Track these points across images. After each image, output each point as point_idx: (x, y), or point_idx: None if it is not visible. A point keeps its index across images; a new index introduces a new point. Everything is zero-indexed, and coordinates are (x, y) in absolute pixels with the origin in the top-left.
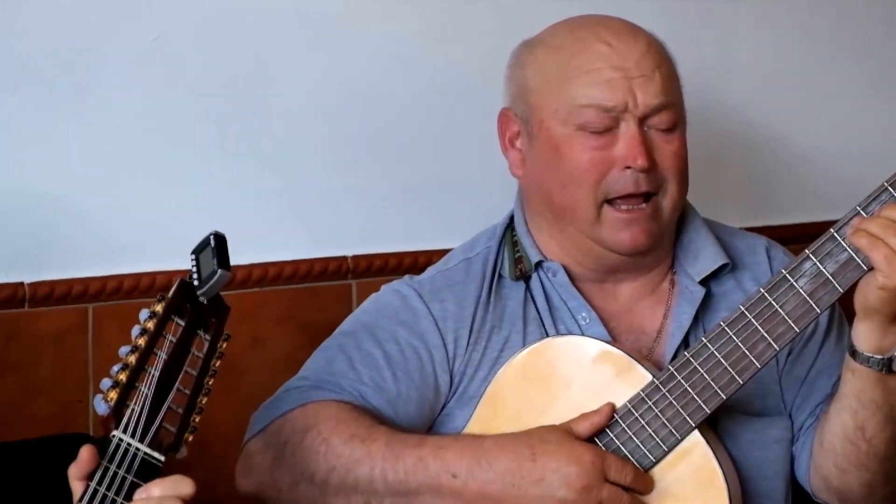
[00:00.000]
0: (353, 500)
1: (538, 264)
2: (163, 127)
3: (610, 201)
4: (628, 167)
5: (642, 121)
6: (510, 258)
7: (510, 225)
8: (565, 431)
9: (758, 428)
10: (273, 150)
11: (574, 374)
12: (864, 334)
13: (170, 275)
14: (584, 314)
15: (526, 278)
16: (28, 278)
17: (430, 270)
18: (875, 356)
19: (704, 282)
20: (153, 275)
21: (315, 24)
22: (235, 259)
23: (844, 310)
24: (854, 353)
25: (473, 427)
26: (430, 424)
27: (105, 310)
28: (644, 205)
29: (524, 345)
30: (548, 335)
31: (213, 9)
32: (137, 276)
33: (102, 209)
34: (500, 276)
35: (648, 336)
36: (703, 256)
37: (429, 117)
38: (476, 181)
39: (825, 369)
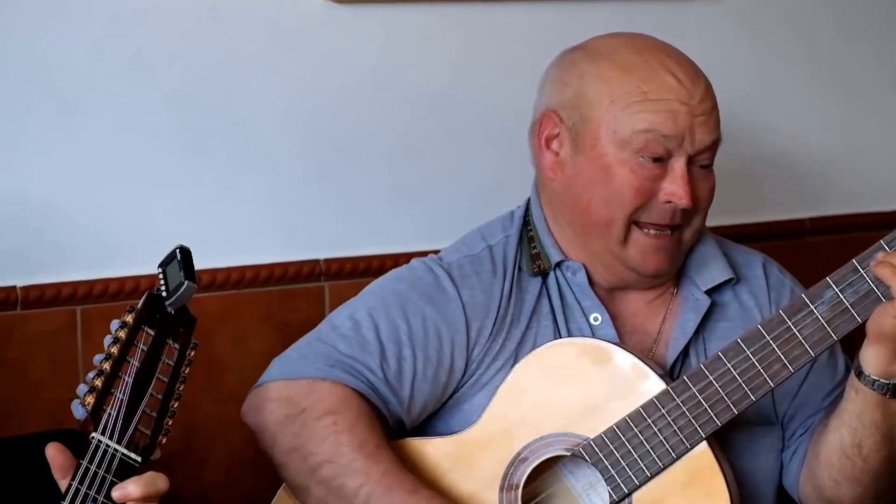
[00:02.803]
0: (329, 501)
1: (559, 263)
2: (144, 136)
3: (637, 224)
4: (669, 202)
5: (691, 158)
6: (527, 253)
7: (524, 216)
8: None
9: (752, 436)
10: (248, 157)
11: (592, 375)
12: (874, 359)
13: (153, 278)
14: (595, 314)
15: (543, 274)
16: (20, 282)
17: (453, 252)
18: (881, 380)
19: (707, 292)
20: (137, 278)
21: (289, 35)
22: (215, 262)
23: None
24: (860, 374)
25: (492, 412)
26: (440, 404)
27: (93, 311)
28: (670, 232)
29: (536, 339)
30: (559, 331)
31: (191, 23)
32: (122, 279)
33: (89, 215)
34: (520, 268)
35: (650, 338)
36: (712, 268)
37: (399, 123)
38: (447, 185)
39: (816, 386)
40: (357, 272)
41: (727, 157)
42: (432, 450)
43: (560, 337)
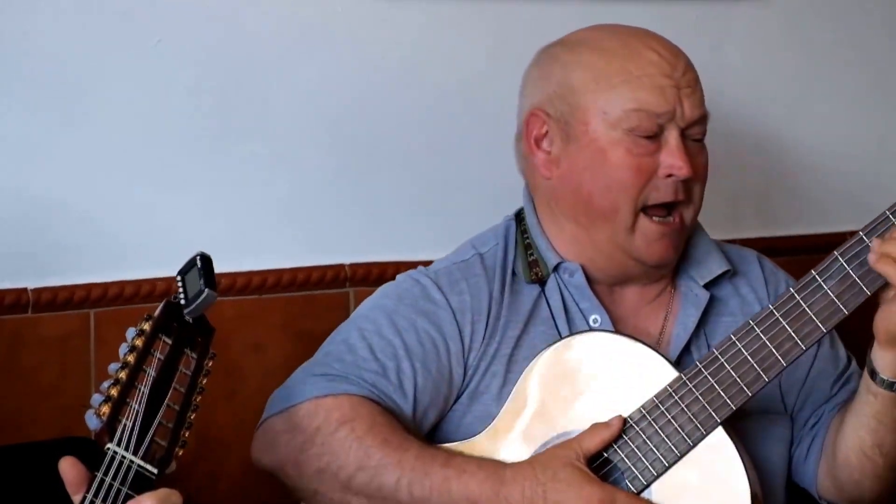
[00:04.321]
0: None
1: (556, 266)
2: (163, 132)
3: (644, 210)
4: (670, 175)
5: (683, 131)
6: (523, 260)
7: (518, 225)
8: (578, 469)
9: (763, 426)
10: (272, 157)
11: (602, 369)
12: (888, 361)
13: (169, 281)
14: (595, 316)
15: (541, 282)
16: (32, 284)
17: (443, 261)
18: None
19: (706, 287)
20: (153, 280)
21: (314, 30)
22: (236, 266)
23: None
24: (874, 377)
25: (506, 413)
26: (442, 415)
27: (107, 315)
28: (670, 218)
29: (534, 344)
30: (560, 335)
31: (213, 14)
32: (138, 282)
33: (104, 214)
34: (514, 273)
35: (652, 339)
36: (708, 261)
37: (426, 125)
38: (473, 188)
39: (822, 374)
40: (384, 278)
41: (773, 165)
42: None
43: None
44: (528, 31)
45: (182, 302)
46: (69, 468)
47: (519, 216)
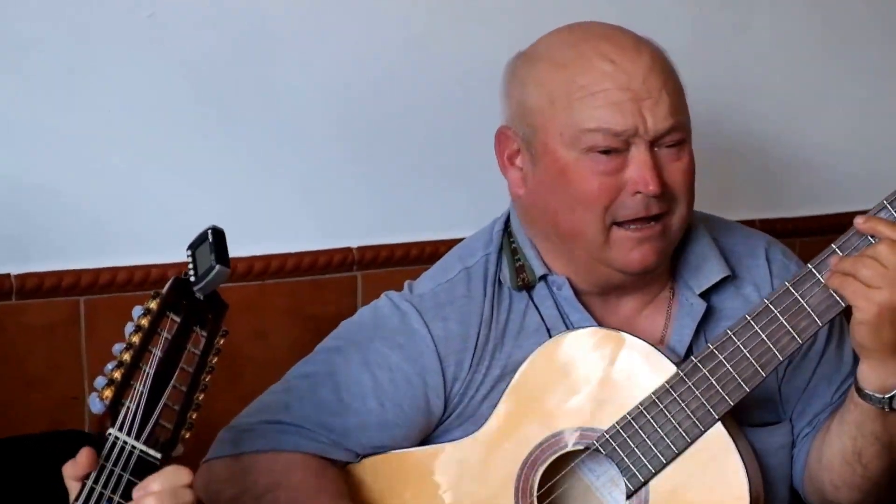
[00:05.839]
0: None
1: (542, 277)
2: (158, 111)
3: (618, 222)
4: (639, 192)
5: (652, 143)
6: (510, 266)
7: (506, 230)
8: None
9: (762, 437)
10: (277, 137)
11: (599, 365)
12: (868, 374)
13: (165, 268)
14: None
15: (528, 288)
16: (15, 269)
17: (429, 281)
18: (877, 395)
19: (705, 293)
20: (148, 267)
21: (324, 10)
22: (237, 251)
23: None
24: (858, 388)
25: (502, 413)
26: (419, 441)
27: (98, 302)
28: (653, 223)
29: (527, 355)
30: None
31: None
32: (132, 269)
33: (94, 198)
34: (500, 282)
35: None
36: (706, 269)
37: (437, 107)
38: (484, 172)
39: (824, 378)
40: (392, 260)
41: (797, 145)
42: (442, 457)
43: None
44: (542, 13)
45: (192, 278)
46: (86, 460)
47: (508, 219)
